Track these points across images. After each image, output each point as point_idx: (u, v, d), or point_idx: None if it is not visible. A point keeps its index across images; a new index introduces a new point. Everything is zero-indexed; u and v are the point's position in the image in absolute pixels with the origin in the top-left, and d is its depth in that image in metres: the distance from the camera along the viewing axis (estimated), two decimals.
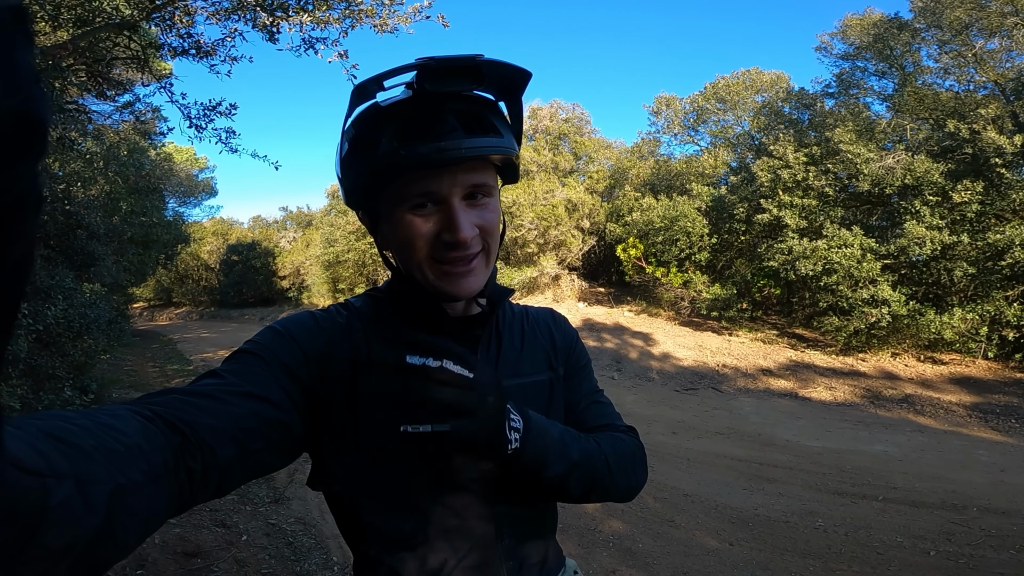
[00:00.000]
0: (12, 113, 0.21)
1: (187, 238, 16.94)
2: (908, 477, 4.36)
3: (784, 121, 11.73)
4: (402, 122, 0.67)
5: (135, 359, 10.33)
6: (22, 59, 0.22)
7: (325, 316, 0.75)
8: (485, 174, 0.71)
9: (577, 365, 0.92)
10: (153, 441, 0.47)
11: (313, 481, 0.73)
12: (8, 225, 0.23)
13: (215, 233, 27.66)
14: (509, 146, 0.71)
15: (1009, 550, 3.16)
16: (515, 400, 0.75)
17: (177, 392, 0.56)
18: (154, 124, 8.37)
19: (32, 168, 0.23)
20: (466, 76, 0.66)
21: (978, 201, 8.17)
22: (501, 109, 0.75)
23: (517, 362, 0.82)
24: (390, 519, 0.70)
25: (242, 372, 0.63)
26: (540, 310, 0.94)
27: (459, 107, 0.68)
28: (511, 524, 0.77)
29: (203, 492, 0.53)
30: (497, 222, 0.74)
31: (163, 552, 2.91)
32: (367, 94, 0.67)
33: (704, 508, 3.76)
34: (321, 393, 0.68)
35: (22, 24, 0.22)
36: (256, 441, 0.58)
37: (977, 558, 3.08)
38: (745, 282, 10.93)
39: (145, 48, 5.04)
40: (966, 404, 6.78)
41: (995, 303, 7.72)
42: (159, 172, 12.36)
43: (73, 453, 0.39)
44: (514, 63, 0.68)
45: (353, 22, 4.80)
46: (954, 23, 9.05)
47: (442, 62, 0.63)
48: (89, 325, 5.17)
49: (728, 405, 7.13)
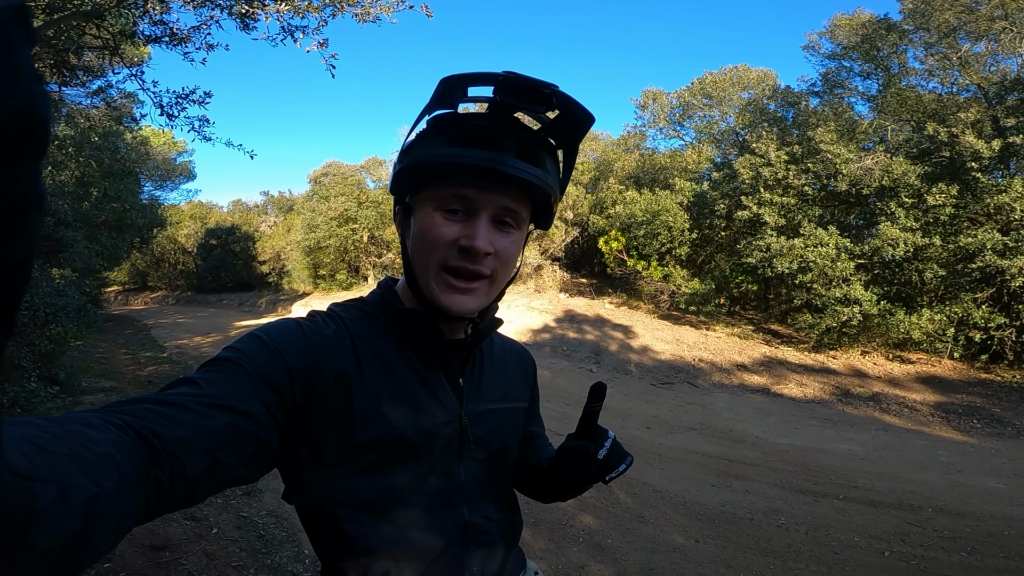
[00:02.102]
0: (14, 112, 0.21)
1: (163, 222, 16.70)
2: (869, 476, 4.49)
3: (768, 118, 11.84)
4: (466, 129, 0.71)
5: (107, 345, 10.11)
6: (24, 59, 0.22)
7: (312, 327, 0.73)
8: (519, 204, 0.74)
9: (536, 397, 1.01)
10: (124, 451, 0.46)
11: (288, 495, 0.73)
12: (9, 224, 0.23)
13: (193, 217, 27.18)
14: (551, 184, 0.74)
15: (960, 552, 3.26)
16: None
17: (150, 401, 0.55)
18: (129, 108, 8.16)
19: (34, 167, 0.23)
20: (539, 101, 0.69)
21: (952, 204, 8.37)
22: (557, 156, 0.79)
23: (497, 388, 0.87)
24: (364, 527, 0.71)
25: (220, 382, 0.61)
26: (518, 346, 1.00)
27: (521, 134, 0.72)
28: (477, 532, 0.79)
29: (169, 503, 0.52)
30: (514, 255, 0.76)
31: (130, 545, 2.87)
32: (449, 96, 0.71)
33: (673, 504, 3.83)
34: (304, 408, 0.67)
35: (23, 24, 0.23)
36: (229, 455, 0.58)
37: (928, 559, 3.17)
38: (724, 277, 11.10)
39: (116, 36, 4.88)
40: (930, 403, 6.98)
41: (963, 305, 7.95)
42: (135, 155, 12.10)
43: (52, 459, 0.39)
44: (583, 104, 0.71)
45: (334, 10, 4.71)
46: (943, 25, 9.20)
47: (522, 80, 0.67)
48: (57, 313, 5.06)
49: (702, 400, 7.25)
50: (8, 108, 0.21)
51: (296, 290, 20.69)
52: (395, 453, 0.72)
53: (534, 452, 0.98)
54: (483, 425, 0.81)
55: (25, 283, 0.26)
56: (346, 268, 18.61)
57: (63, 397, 5.20)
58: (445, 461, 0.77)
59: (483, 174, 0.69)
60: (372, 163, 20.29)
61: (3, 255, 0.23)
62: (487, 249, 0.71)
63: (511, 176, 0.69)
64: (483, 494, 0.81)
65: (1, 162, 0.22)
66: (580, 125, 0.74)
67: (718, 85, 14.63)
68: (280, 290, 21.68)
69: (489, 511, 0.82)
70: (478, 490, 0.81)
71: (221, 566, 2.85)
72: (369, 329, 0.77)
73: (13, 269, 0.24)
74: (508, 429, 0.87)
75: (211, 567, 2.83)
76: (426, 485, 0.75)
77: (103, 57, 5.15)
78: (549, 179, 0.73)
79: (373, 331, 0.77)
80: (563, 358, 9.70)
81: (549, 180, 0.73)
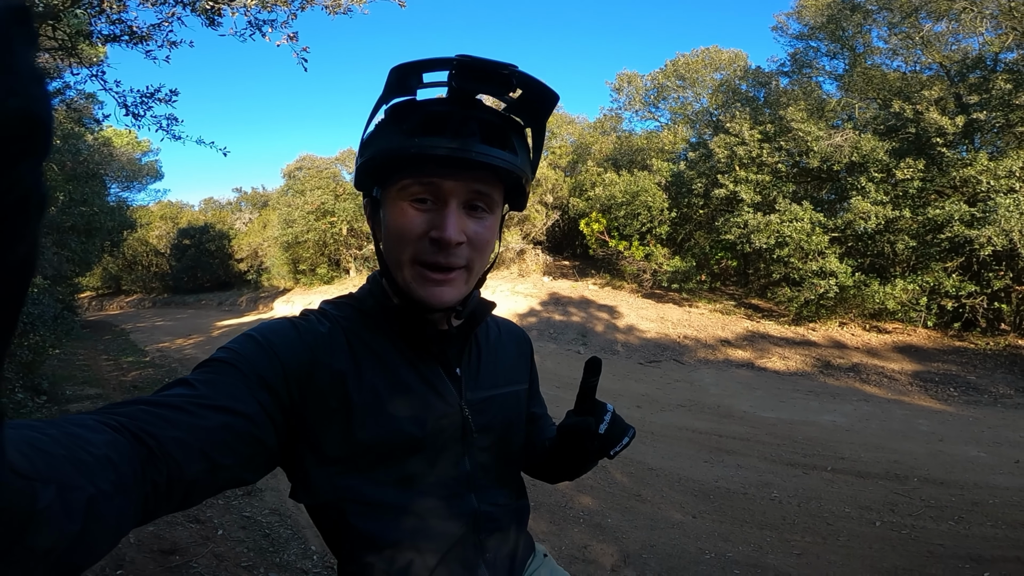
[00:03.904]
0: (14, 112, 0.21)
1: (133, 223, 16.23)
2: (855, 447, 4.63)
3: (741, 99, 11.99)
4: (426, 116, 0.68)
5: (87, 352, 9.87)
6: (24, 59, 0.22)
7: (306, 326, 0.73)
8: (491, 187, 0.73)
9: (535, 378, 1.01)
10: (121, 452, 0.46)
11: (296, 494, 0.73)
12: (10, 226, 0.23)
13: (163, 217, 26.45)
14: (520, 166, 0.73)
15: (948, 521, 3.36)
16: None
17: (145, 403, 0.54)
18: (89, 109, 7.88)
19: (35, 168, 0.23)
20: (498, 82, 0.68)
21: (920, 178, 8.62)
22: (525, 135, 0.77)
23: (495, 373, 0.86)
24: (375, 522, 0.72)
25: (215, 383, 0.61)
26: (511, 324, 0.99)
27: (485, 117, 0.70)
28: (488, 519, 0.80)
29: (166, 505, 0.52)
30: (489, 240, 0.75)
31: (140, 551, 2.85)
32: (405, 84, 0.68)
33: (668, 482, 3.92)
34: (300, 406, 0.67)
35: (24, 24, 0.23)
36: (226, 456, 0.57)
37: (919, 529, 3.26)
38: (704, 255, 11.26)
39: (72, 36, 4.70)
40: (908, 372, 7.23)
41: (934, 274, 8.22)
42: (98, 157, 11.69)
43: (51, 460, 0.39)
44: (545, 82, 0.70)
45: (303, 3, 4.60)
46: (904, 5, 9.39)
47: (478, 63, 0.65)
48: (34, 322, 4.95)
49: (689, 377, 7.40)
50: (8, 108, 0.21)
51: (276, 287, 20.36)
52: (399, 448, 0.72)
53: (538, 433, 0.98)
54: (485, 413, 0.81)
55: (28, 283, 0.26)
56: (326, 262, 18.36)
57: (50, 407, 5.10)
58: (450, 452, 0.77)
59: (449, 162, 0.68)
60: (347, 155, 19.93)
61: (5, 256, 0.23)
62: (459, 239, 0.70)
63: (478, 162, 0.68)
64: (491, 481, 0.82)
65: (1, 163, 0.22)
66: (544, 104, 0.73)
67: (691, 67, 14.70)
68: (260, 287, 21.30)
69: (498, 497, 0.83)
70: (486, 478, 0.81)
71: (232, 567, 2.86)
72: (362, 326, 0.77)
73: (15, 270, 0.24)
74: (511, 413, 0.87)
75: (222, 568, 2.83)
76: (433, 477, 0.75)
77: (59, 58, 4.95)
78: (518, 161, 0.72)
79: (366, 328, 0.77)
80: (550, 341, 9.78)
81: (518, 162, 0.72)
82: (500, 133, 0.71)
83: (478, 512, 0.79)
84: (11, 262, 0.24)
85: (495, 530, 0.82)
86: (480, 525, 0.79)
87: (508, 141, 0.72)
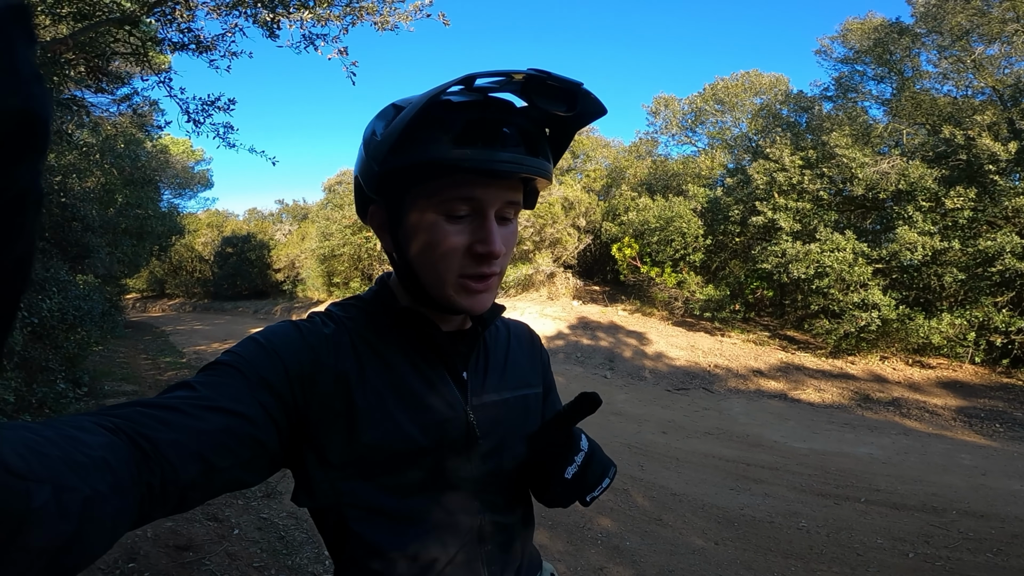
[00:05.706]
0: (14, 112, 0.22)
1: (181, 229, 16.85)
2: (891, 479, 4.42)
3: (782, 124, 11.80)
4: (466, 123, 0.64)
5: (127, 351, 10.28)
6: (23, 58, 0.22)
7: (310, 328, 0.72)
8: (518, 193, 0.72)
9: (550, 383, 0.97)
10: (117, 454, 0.46)
11: (298, 497, 0.71)
12: (9, 223, 0.23)
13: (210, 225, 27.50)
14: (551, 171, 0.71)
15: (986, 553, 3.21)
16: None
17: (143, 405, 0.54)
18: (151, 117, 8.35)
19: (33, 167, 0.24)
20: (566, 100, 0.66)
21: (970, 208, 8.25)
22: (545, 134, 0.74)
23: (503, 376, 0.83)
24: (376, 529, 0.70)
25: (217, 385, 0.61)
26: (520, 325, 0.97)
27: (522, 123, 0.68)
28: (493, 529, 0.78)
29: (162, 508, 0.51)
30: (515, 243, 0.74)
31: (155, 545, 2.91)
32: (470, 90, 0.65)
33: (691, 507, 3.80)
34: (304, 410, 0.66)
35: (23, 23, 0.23)
36: (225, 458, 0.57)
37: (954, 560, 3.12)
38: (738, 283, 11.00)
39: (145, 43, 5.02)
40: (952, 408, 6.86)
41: (984, 309, 7.81)
42: (155, 164, 12.35)
43: (47, 461, 0.39)
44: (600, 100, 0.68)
45: (354, 19, 4.81)
46: (955, 29, 9.13)
47: (555, 80, 0.64)
48: (83, 317, 5.18)
49: (718, 405, 7.19)
50: (7, 108, 0.21)
51: (311, 298, 20.85)
52: (400, 453, 0.70)
53: None
54: (491, 417, 0.78)
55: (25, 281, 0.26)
56: (360, 276, 18.73)
57: (88, 400, 5.30)
58: (454, 458, 0.74)
59: (495, 174, 0.65)
60: None
61: (3, 254, 0.23)
62: (502, 251, 0.69)
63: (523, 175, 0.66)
64: (497, 490, 0.79)
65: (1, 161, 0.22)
66: (592, 119, 0.71)
67: (730, 91, 14.60)
68: (295, 298, 21.85)
69: (504, 507, 0.80)
70: (491, 486, 0.78)
71: (243, 567, 2.88)
72: (368, 328, 0.75)
73: (13, 267, 0.24)
74: (521, 418, 0.83)
75: (233, 567, 2.86)
76: (436, 484, 0.73)
77: (132, 64, 5.28)
78: (551, 167, 0.71)
79: (372, 330, 0.75)
80: (577, 364, 9.68)
81: (551, 169, 0.71)
82: (537, 140, 0.69)
83: (482, 522, 0.77)
84: (9, 259, 0.24)
85: (500, 541, 0.79)
86: (484, 536, 0.77)
87: (544, 148, 0.70)
